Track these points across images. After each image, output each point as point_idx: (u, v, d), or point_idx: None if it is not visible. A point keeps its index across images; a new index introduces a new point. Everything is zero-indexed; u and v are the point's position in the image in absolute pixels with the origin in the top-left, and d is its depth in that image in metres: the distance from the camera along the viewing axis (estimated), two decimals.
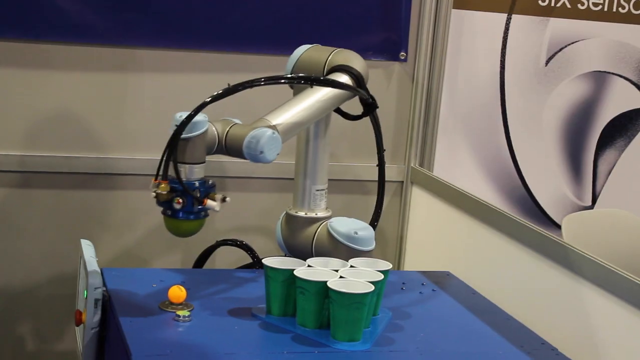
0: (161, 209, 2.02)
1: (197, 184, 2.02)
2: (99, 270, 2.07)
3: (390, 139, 2.99)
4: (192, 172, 2.01)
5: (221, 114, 2.22)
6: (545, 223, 3.19)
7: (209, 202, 2.01)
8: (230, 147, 2.12)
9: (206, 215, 2.04)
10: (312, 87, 2.18)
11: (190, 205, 2.00)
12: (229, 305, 2.12)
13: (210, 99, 2.02)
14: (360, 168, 2.91)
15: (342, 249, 2.22)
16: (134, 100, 2.77)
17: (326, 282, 1.93)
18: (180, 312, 2.01)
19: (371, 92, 2.91)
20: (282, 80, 2.17)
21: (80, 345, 2.09)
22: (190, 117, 1.99)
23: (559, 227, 3.04)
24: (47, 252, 2.77)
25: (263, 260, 2.07)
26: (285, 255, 2.35)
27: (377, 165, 2.42)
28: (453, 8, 2.97)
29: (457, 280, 2.52)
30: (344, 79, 2.24)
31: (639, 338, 1.93)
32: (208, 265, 2.58)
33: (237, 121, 2.17)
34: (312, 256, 2.21)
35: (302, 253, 2.28)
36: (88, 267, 2.05)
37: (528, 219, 2.96)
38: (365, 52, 2.90)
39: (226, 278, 2.34)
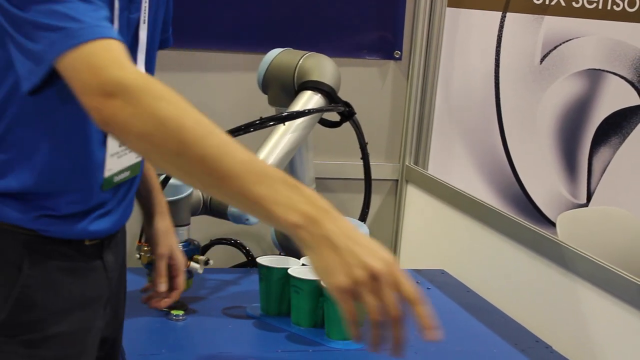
0: None
1: (180, 246, 2.01)
2: None
3: (385, 137, 3.00)
4: (177, 234, 2.01)
5: None
6: (540, 221, 3.19)
7: (192, 265, 2.00)
8: (215, 211, 2.15)
9: (190, 277, 2.04)
10: (284, 124, 2.16)
11: None
12: (223, 304, 2.12)
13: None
14: (349, 166, 2.90)
15: None
16: None
17: (320, 280, 1.93)
18: (174, 312, 2.01)
19: (365, 91, 2.92)
20: (252, 129, 2.11)
21: None
22: (166, 180, 1.99)
23: (553, 225, 3.04)
24: None
25: (257, 259, 2.07)
26: (279, 254, 2.35)
27: (361, 159, 2.42)
28: (447, 6, 2.97)
29: (452, 279, 2.52)
30: (315, 99, 2.21)
31: (633, 336, 1.93)
32: None
33: None
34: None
35: (297, 252, 2.27)
36: None
37: (523, 217, 2.96)
38: (359, 50, 2.91)
39: (220, 277, 2.34)
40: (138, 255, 1.97)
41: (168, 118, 1.14)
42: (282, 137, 2.15)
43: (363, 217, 2.48)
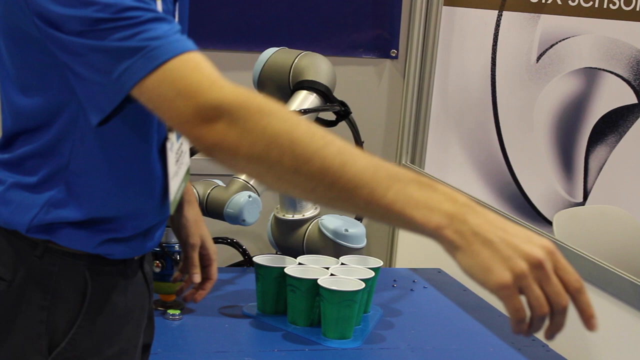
0: None
1: (177, 247, 2.01)
2: None
3: (382, 136, 3.00)
4: (172, 236, 2.01)
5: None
6: (537, 219, 3.20)
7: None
8: (211, 212, 2.15)
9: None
10: None
11: (169, 268, 2.00)
12: (219, 303, 2.12)
13: None
14: None
15: (333, 247, 2.22)
16: None
17: (317, 279, 1.93)
18: (171, 311, 2.01)
19: (362, 90, 2.92)
20: None
21: None
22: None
23: (550, 223, 3.04)
24: None
25: (254, 258, 2.07)
26: (276, 253, 2.35)
27: None
28: (444, 5, 2.97)
29: (448, 277, 2.52)
30: (310, 99, 2.21)
31: (629, 334, 1.93)
32: None
33: (218, 182, 2.18)
34: (304, 254, 2.21)
35: (294, 251, 2.28)
36: None
37: (519, 216, 2.96)
38: (356, 49, 2.91)
39: (217, 276, 2.34)
40: None
41: (278, 134, 1.05)
42: None
43: (359, 217, 2.47)
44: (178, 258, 1.99)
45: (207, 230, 1.64)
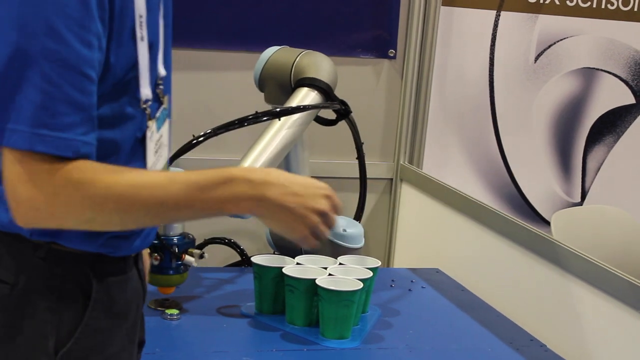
0: None
1: (175, 239, 2.01)
2: None
3: (380, 136, 3.00)
4: (171, 228, 2.01)
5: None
6: (535, 220, 3.20)
7: (187, 258, 2.01)
8: None
9: (185, 270, 2.04)
10: (279, 119, 2.16)
11: (168, 261, 2.00)
12: (218, 303, 2.12)
13: (174, 154, 2.01)
14: (344, 165, 2.90)
15: (331, 247, 2.22)
16: None
17: (315, 279, 1.93)
18: (169, 311, 2.01)
19: (360, 90, 2.92)
20: (246, 123, 2.11)
21: None
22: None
23: (548, 223, 3.04)
24: None
25: (252, 258, 2.07)
26: (274, 253, 2.35)
27: (356, 158, 2.42)
28: (442, 5, 2.97)
29: (447, 277, 2.52)
30: (312, 95, 2.21)
31: (627, 334, 1.93)
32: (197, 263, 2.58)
33: None
34: (301, 254, 2.21)
35: (292, 251, 2.27)
36: None
37: (517, 216, 2.96)
38: (354, 49, 2.91)
39: (215, 276, 2.34)
40: None
41: (95, 201, 1.21)
42: (277, 133, 2.15)
43: (358, 217, 2.48)
44: (177, 250, 1.99)
45: None
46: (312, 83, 2.21)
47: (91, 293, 1.32)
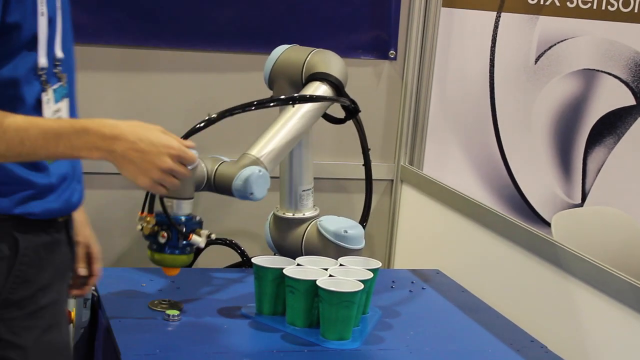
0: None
1: (183, 219, 2.00)
2: None
3: (380, 137, 3.00)
4: (180, 208, 2.00)
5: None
6: (535, 221, 3.20)
7: (194, 238, 1.98)
8: (219, 186, 2.13)
9: (192, 251, 2.02)
10: (293, 106, 2.17)
11: (175, 240, 1.98)
12: (218, 304, 2.12)
13: (188, 132, 2.00)
14: (347, 166, 2.90)
15: (331, 248, 2.22)
16: (120, 98, 2.77)
17: (316, 280, 1.93)
18: (169, 312, 2.01)
19: (361, 91, 2.91)
20: (253, 107, 2.11)
21: (70, 344, 2.09)
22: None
23: (548, 225, 3.04)
24: None
25: (252, 260, 2.07)
26: (274, 254, 2.35)
27: (363, 165, 2.42)
28: (442, 6, 2.97)
29: (447, 279, 2.52)
30: (323, 88, 2.22)
31: (627, 335, 1.93)
32: (197, 264, 2.58)
33: (224, 158, 2.17)
34: (302, 255, 2.21)
35: (292, 252, 2.27)
36: None
37: (518, 217, 2.96)
38: (354, 50, 2.91)
39: (216, 277, 2.34)
40: (140, 227, 1.97)
41: None
42: (288, 121, 2.17)
43: (364, 221, 2.46)
44: (185, 229, 1.97)
45: (91, 232, 1.91)
46: (325, 77, 2.22)
47: (19, 249, 1.58)
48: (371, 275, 2.04)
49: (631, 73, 3.25)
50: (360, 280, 1.96)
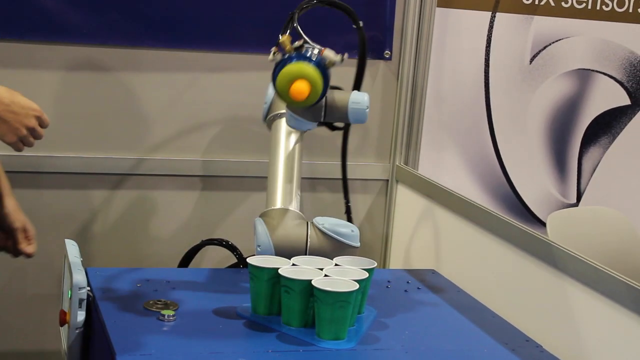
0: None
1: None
2: (84, 270, 2.06)
3: (375, 137, 3.00)
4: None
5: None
6: (530, 221, 3.20)
7: (326, 52, 2.04)
8: (332, 114, 2.24)
9: (327, 67, 2.08)
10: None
11: (306, 50, 2.06)
12: (213, 304, 2.12)
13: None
14: (336, 167, 2.90)
15: (329, 243, 2.21)
16: (119, 99, 2.76)
17: (311, 280, 1.93)
18: (164, 312, 2.00)
19: None
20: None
21: (65, 345, 2.09)
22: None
23: (543, 224, 3.05)
24: None
25: (247, 259, 2.07)
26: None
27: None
28: (437, 6, 2.97)
29: (442, 278, 2.52)
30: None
31: (623, 335, 1.94)
32: (193, 264, 2.58)
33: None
34: (298, 254, 2.21)
35: (287, 253, 2.27)
36: (72, 267, 2.05)
37: (513, 217, 2.96)
38: (349, 50, 2.91)
39: (211, 277, 2.34)
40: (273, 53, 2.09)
41: None
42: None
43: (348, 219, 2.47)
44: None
45: (24, 216, 2.20)
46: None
47: None
48: (367, 275, 2.04)
49: (626, 73, 3.25)
50: (356, 280, 1.95)
